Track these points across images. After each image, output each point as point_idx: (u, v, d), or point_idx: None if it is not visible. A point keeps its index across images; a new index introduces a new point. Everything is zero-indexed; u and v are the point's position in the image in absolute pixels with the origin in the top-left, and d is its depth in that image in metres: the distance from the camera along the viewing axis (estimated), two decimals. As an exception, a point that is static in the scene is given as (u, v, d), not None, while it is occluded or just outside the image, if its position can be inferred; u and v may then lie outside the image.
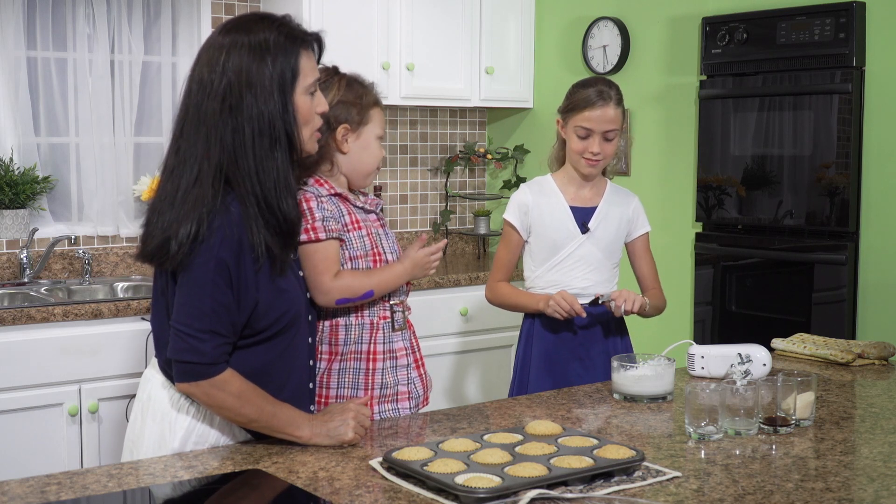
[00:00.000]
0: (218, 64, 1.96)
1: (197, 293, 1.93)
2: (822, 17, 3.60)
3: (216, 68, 1.96)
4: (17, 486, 1.77)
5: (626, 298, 2.72)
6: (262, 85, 1.95)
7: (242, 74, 1.95)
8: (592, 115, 2.77)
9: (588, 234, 2.85)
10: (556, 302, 2.73)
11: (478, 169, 5.12)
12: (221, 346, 1.95)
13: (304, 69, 2.02)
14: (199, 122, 1.96)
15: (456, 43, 4.57)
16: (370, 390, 2.38)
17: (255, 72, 1.95)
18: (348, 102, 2.35)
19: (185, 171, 1.95)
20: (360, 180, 2.44)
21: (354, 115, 2.37)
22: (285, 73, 1.98)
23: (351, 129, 2.38)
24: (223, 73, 1.95)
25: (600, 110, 2.78)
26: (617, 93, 2.83)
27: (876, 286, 3.57)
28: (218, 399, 1.96)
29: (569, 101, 2.85)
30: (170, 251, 1.92)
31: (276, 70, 1.97)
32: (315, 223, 2.29)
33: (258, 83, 1.95)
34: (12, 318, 3.26)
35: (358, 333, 2.38)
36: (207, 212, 1.92)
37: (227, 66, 1.95)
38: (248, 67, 1.95)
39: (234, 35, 1.98)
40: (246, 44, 1.96)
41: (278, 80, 1.97)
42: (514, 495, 1.69)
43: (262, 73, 1.96)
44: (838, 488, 1.78)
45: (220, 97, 1.94)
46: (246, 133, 1.95)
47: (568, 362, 2.84)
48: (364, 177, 2.44)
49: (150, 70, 4.18)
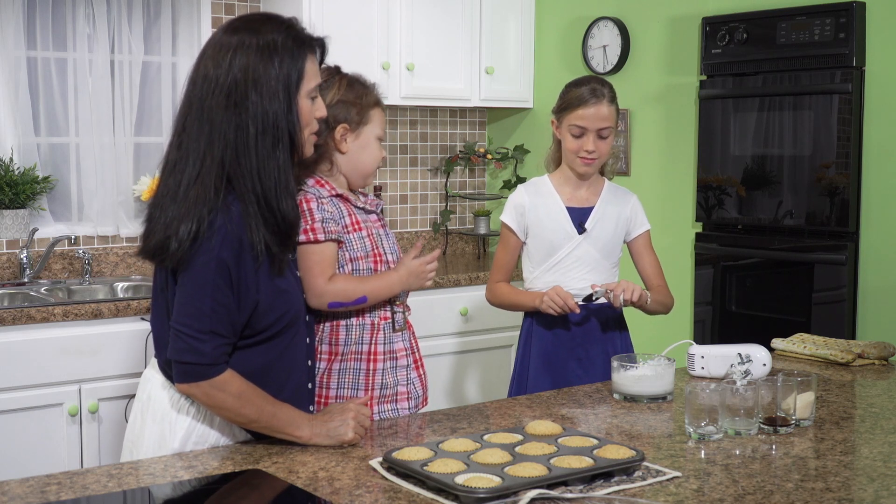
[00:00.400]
0: (224, 61, 1.96)
1: (197, 293, 1.93)
2: (822, 17, 3.60)
3: (222, 65, 1.96)
4: (17, 486, 1.77)
5: (626, 288, 2.71)
6: (268, 84, 1.96)
7: (249, 73, 1.95)
8: (586, 112, 2.78)
9: (585, 234, 2.84)
10: (549, 297, 2.73)
11: (478, 169, 5.12)
12: (221, 347, 1.95)
13: (308, 73, 2.03)
14: (202, 118, 1.96)
15: (456, 43, 4.57)
16: (370, 390, 2.38)
17: (262, 71, 1.96)
18: (348, 102, 2.35)
19: (188, 166, 1.95)
20: (359, 180, 2.44)
21: (354, 115, 2.37)
22: (291, 74, 1.99)
23: (350, 129, 2.38)
24: (229, 70, 1.95)
25: (594, 108, 2.78)
26: (610, 91, 2.83)
27: (876, 286, 3.57)
28: (218, 399, 1.96)
29: (562, 101, 2.85)
30: (170, 249, 1.92)
31: (282, 71, 1.97)
32: (314, 224, 2.29)
33: (264, 82, 1.95)
34: (12, 318, 3.26)
35: (359, 334, 2.38)
36: (208, 210, 1.91)
37: (233, 63, 1.95)
38: (255, 67, 1.95)
39: (242, 35, 1.98)
40: (254, 44, 1.97)
41: (284, 81, 1.98)
42: (514, 495, 1.69)
43: (269, 74, 1.96)
44: (838, 488, 1.78)
45: (224, 93, 1.94)
46: (249, 131, 1.95)
47: (566, 362, 2.84)
48: (363, 177, 2.44)
49: (150, 70, 4.18)
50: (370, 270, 2.39)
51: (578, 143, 2.80)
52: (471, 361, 4.33)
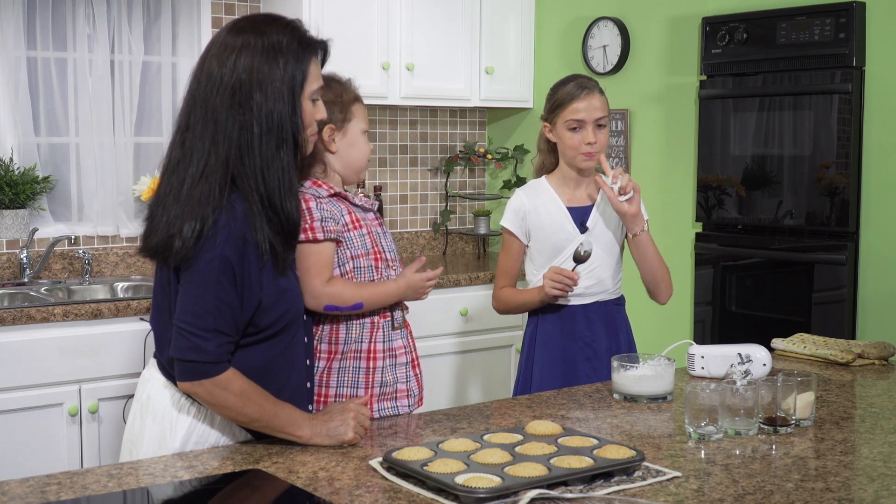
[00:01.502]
0: (229, 60, 1.96)
1: (201, 292, 1.93)
2: (822, 17, 3.60)
3: (227, 64, 1.96)
4: (17, 486, 1.77)
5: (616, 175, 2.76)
6: (272, 85, 1.96)
7: (254, 73, 1.95)
8: (580, 105, 2.79)
9: (587, 233, 2.84)
10: (548, 280, 2.73)
11: (478, 169, 5.12)
12: (224, 346, 1.95)
13: (311, 75, 2.03)
14: (206, 117, 1.96)
15: (456, 43, 4.57)
16: (370, 388, 2.38)
17: (267, 72, 1.96)
18: (330, 102, 2.36)
19: (191, 164, 1.96)
20: (353, 176, 2.46)
21: (337, 114, 2.39)
22: (296, 76, 1.99)
23: (336, 129, 2.40)
24: (234, 69, 1.95)
25: (586, 100, 2.79)
26: (597, 83, 2.86)
27: (876, 286, 3.57)
28: (220, 398, 1.96)
29: (552, 101, 2.86)
30: (174, 248, 1.92)
31: (287, 73, 1.98)
32: (314, 223, 2.30)
33: (269, 83, 1.96)
34: (12, 318, 3.26)
35: (358, 332, 2.39)
36: (213, 209, 1.92)
37: (238, 63, 1.96)
38: (260, 67, 1.96)
39: (247, 35, 1.99)
40: (259, 45, 1.97)
41: (289, 83, 1.98)
42: (514, 495, 1.69)
43: (274, 75, 1.96)
44: (838, 488, 1.78)
45: (229, 93, 1.95)
46: (254, 131, 1.95)
47: (576, 362, 2.84)
48: (356, 172, 2.46)
49: (150, 70, 4.18)
50: (371, 268, 2.40)
51: (578, 138, 2.80)
52: (471, 361, 4.33)
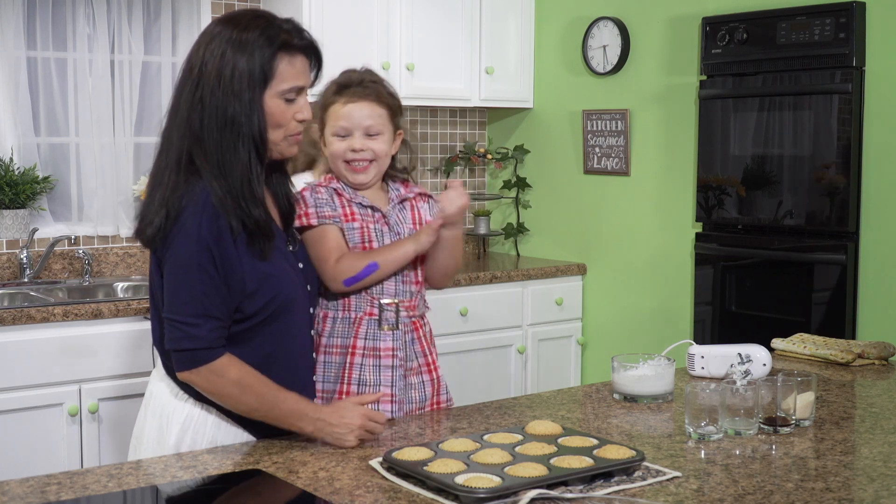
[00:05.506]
0: (200, 50, 2.00)
1: (184, 279, 1.95)
2: (822, 17, 3.60)
3: (198, 54, 2.00)
4: (17, 486, 1.77)
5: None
6: (228, 80, 1.97)
7: (216, 65, 1.97)
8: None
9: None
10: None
11: (478, 169, 5.12)
12: (216, 330, 1.96)
13: (280, 73, 2.01)
14: (178, 106, 2.01)
15: (456, 43, 4.57)
16: (346, 385, 2.35)
17: (227, 66, 1.97)
18: (317, 105, 2.42)
19: (167, 152, 2.02)
20: (341, 175, 2.47)
21: (321, 116, 2.44)
22: (255, 72, 1.98)
23: (322, 130, 2.45)
24: (202, 61, 1.98)
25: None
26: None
27: (876, 286, 3.57)
28: (218, 385, 1.97)
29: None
30: (147, 234, 1.98)
31: (247, 67, 1.98)
32: (308, 209, 2.34)
33: (226, 77, 1.97)
34: (12, 318, 3.26)
35: (342, 327, 2.38)
36: (179, 196, 1.95)
37: (206, 55, 1.98)
38: (222, 60, 1.97)
39: (224, 27, 2.01)
40: (229, 37, 1.99)
41: (247, 79, 1.98)
42: (514, 495, 1.69)
43: (236, 69, 1.97)
44: (838, 488, 1.78)
45: (194, 84, 1.98)
46: (209, 124, 1.97)
47: None
48: (338, 172, 2.46)
49: (150, 70, 4.18)
50: None
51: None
52: (471, 361, 4.32)
